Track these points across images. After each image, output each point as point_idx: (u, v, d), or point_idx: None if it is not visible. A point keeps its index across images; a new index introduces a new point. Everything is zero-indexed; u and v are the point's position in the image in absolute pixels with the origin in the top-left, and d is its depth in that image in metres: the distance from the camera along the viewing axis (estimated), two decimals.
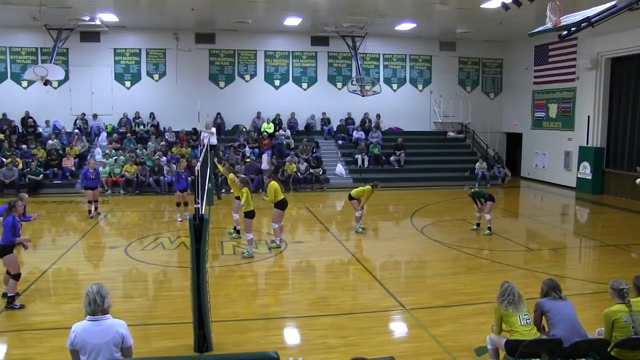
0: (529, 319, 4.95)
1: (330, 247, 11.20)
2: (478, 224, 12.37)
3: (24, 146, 19.19)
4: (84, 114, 20.95)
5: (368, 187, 12.10)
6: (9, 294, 7.23)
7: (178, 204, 13.52)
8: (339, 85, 22.91)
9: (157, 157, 18.86)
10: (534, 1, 12.29)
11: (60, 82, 20.47)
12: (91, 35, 20.58)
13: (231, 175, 11.68)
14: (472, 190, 12.26)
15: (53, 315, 7.01)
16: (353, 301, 7.80)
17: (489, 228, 12.04)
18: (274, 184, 10.66)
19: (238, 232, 11.67)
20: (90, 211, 13.88)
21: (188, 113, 20.50)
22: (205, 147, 13.88)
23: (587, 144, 19.22)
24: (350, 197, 12.28)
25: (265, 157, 19.88)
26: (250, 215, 9.99)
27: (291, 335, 6.73)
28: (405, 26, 20.42)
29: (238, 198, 10.73)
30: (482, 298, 7.73)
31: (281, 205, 10.60)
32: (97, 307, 4.09)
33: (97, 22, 19.10)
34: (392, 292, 8.06)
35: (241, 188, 10.07)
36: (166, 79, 21.72)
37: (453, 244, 11.23)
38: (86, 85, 21.07)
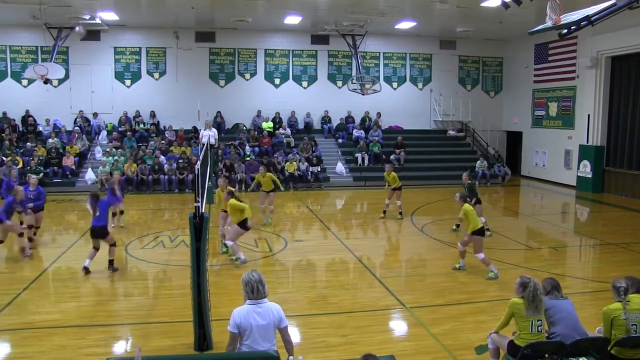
0: (540, 326, 4.76)
1: (331, 245, 11.19)
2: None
3: (27, 144, 19.14)
4: (83, 112, 20.93)
5: (466, 207, 8.73)
6: None
7: None
8: (339, 83, 22.89)
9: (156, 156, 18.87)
10: None
11: (61, 81, 20.48)
12: (91, 34, 20.52)
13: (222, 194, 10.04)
14: (469, 182, 11.71)
15: (53, 313, 7.01)
16: (353, 300, 7.80)
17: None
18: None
19: None
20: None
21: (188, 112, 20.56)
22: (205, 146, 13.88)
23: (588, 142, 19.20)
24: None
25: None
26: (243, 225, 9.19)
27: (291, 334, 6.68)
28: (406, 25, 20.41)
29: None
30: (482, 297, 7.75)
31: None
32: (259, 294, 4.52)
33: (98, 21, 19.08)
34: (392, 291, 8.07)
35: (227, 201, 9.23)
36: (166, 77, 21.71)
37: (453, 242, 11.21)
38: (86, 84, 21.06)
